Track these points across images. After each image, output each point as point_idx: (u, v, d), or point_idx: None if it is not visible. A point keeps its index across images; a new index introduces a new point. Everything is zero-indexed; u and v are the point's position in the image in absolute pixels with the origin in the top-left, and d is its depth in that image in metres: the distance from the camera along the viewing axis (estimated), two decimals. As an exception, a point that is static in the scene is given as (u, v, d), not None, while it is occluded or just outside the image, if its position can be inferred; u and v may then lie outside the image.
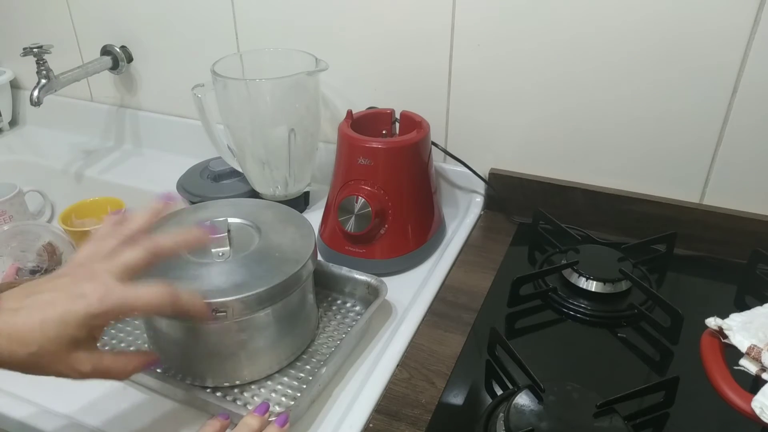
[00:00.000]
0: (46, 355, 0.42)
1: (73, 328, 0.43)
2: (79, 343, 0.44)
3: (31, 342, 0.42)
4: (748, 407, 0.49)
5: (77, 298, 0.43)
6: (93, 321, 0.43)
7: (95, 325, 0.44)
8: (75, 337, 0.43)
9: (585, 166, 0.83)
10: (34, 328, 0.42)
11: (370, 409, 0.56)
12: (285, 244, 0.61)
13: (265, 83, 0.79)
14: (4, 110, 1.20)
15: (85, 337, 0.44)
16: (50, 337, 0.42)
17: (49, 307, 0.43)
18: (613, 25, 0.73)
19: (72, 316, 0.43)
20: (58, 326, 0.42)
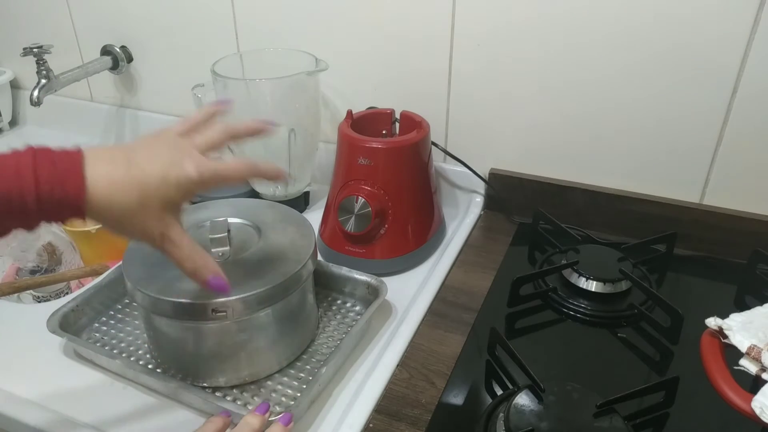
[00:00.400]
0: (143, 207, 0.44)
1: (172, 187, 0.45)
2: (172, 207, 0.46)
3: (132, 191, 0.43)
4: (748, 407, 0.49)
5: (175, 165, 0.45)
6: (189, 186, 0.46)
7: (190, 190, 0.46)
8: (171, 197, 0.45)
9: (585, 166, 0.83)
10: (135, 179, 0.44)
11: (370, 409, 0.56)
12: (285, 244, 0.61)
13: (265, 83, 0.79)
14: (4, 110, 1.20)
15: (179, 200, 0.46)
16: (150, 191, 0.44)
17: (150, 163, 0.45)
18: (614, 26, 0.73)
19: (173, 176, 0.45)
20: (159, 182, 0.44)
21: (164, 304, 0.55)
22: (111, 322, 0.69)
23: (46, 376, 0.62)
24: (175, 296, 0.54)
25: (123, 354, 0.65)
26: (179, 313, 0.55)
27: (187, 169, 0.46)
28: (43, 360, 0.64)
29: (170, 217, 0.46)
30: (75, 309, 0.67)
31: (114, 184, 0.43)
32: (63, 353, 0.65)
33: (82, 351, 0.64)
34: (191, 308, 0.54)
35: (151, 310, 0.57)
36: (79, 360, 0.64)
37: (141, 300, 0.56)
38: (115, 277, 0.71)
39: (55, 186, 0.41)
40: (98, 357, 0.62)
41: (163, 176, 0.45)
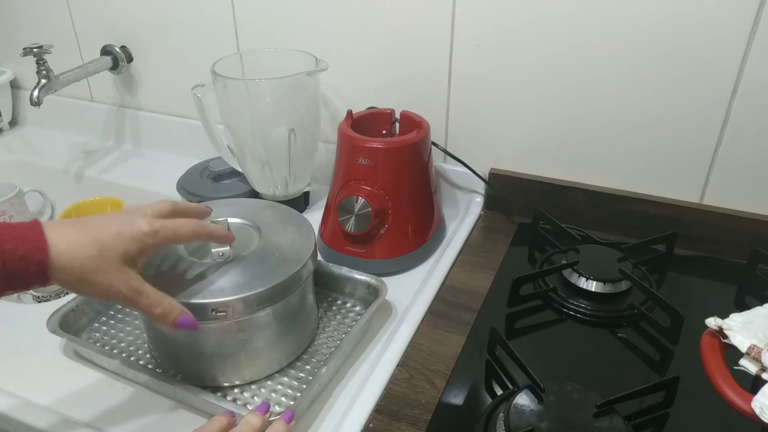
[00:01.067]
0: (104, 261, 0.47)
1: (127, 240, 0.49)
2: (131, 260, 0.49)
3: (91, 247, 0.47)
4: (748, 407, 0.49)
5: (128, 222, 0.50)
6: (143, 239, 0.49)
7: (145, 244, 0.50)
8: (128, 251, 0.49)
9: (585, 166, 0.83)
10: (93, 236, 0.47)
11: (370, 409, 0.56)
12: (285, 244, 0.61)
13: (265, 83, 0.79)
14: (4, 110, 1.20)
15: (136, 254, 0.49)
16: (108, 246, 0.47)
17: (105, 224, 0.49)
18: (614, 26, 0.73)
19: (127, 231, 0.49)
20: (115, 238, 0.48)
21: (164, 304, 0.54)
22: (111, 322, 0.69)
23: (46, 376, 0.62)
24: (175, 296, 0.54)
25: (123, 354, 0.65)
26: (179, 313, 0.55)
27: (139, 224, 0.50)
28: (43, 360, 0.64)
29: (131, 269, 0.49)
30: (75, 309, 0.67)
31: (72, 242, 0.46)
32: (63, 353, 0.65)
33: (82, 351, 0.64)
34: (191, 308, 0.54)
35: (151, 310, 0.56)
36: (79, 360, 0.64)
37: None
38: (115, 277, 0.71)
39: (18, 245, 0.44)
40: (98, 357, 0.62)
41: (117, 232, 0.49)
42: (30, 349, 0.65)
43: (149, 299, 0.50)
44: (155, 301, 0.50)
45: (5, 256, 0.43)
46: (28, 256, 0.44)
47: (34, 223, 0.46)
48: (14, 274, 0.44)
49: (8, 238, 0.44)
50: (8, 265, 0.44)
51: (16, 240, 0.44)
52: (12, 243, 0.44)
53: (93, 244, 0.47)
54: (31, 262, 0.44)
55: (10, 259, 0.44)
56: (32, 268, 0.44)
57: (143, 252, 0.50)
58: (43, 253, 0.45)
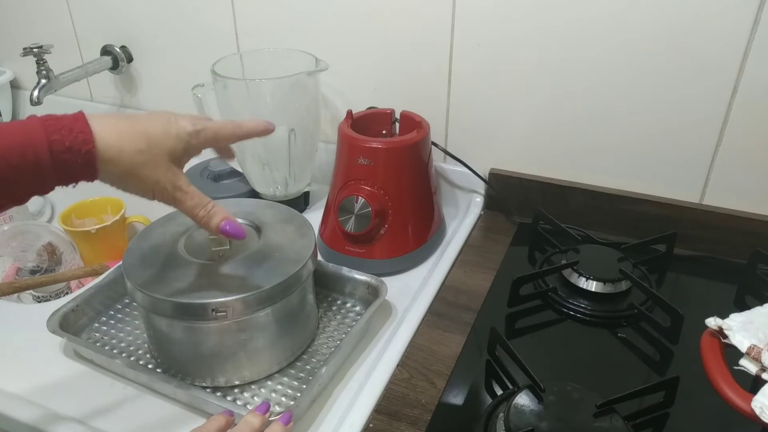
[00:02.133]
0: (152, 156, 0.47)
1: (173, 138, 0.48)
2: (177, 159, 0.49)
3: (139, 140, 0.46)
4: (748, 407, 0.49)
5: (172, 121, 0.49)
6: (188, 138, 0.49)
7: (189, 143, 0.50)
8: (174, 148, 0.48)
9: (585, 166, 0.83)
10: (140, 130, 0.47)
11: (370, 409, 0.56)
12: (285, 244, 0.61)
13: (265, 83, 0.79)
14: (4, 110, 1.20)
15: (181, 152, 0.49)
16: (155, 141, 0.47)
17: (151, 120, 0.48)
18: (614, 26, 0.73)
19: (173, 129, 0.49)
20: (162, 134, 0.48)
21: (164, 304, 0.55)
22: (111, 322, 0.69)
23: (46, 376, 0.62)
24: (175, 296, 0.54)
25: (123, 354, 0.65)
26: (179, 313, 0.55)
27: (183, 124, 0.49)
28: (43, 360, 0.64)
29: (177, 168, 0.49)
30: (75, 309, 0.67)
31: (121, 133, 0.46)
32: (63, 353, 0.65)
33: (82, 351, 0.64)
34: (191, 308, 0.54)
35: (151, 310, 0.57)
36: (79, 360, 0.64)
37: (141, 300, 0.56)
38: (115, 277, 0.71)
39: (64, 135, 0.43)
40: (98, 357, 0.62)
41: (164, 129, 0.48)
42: (30, 349, 0.65)
43: (194, 200, 0.50)
44: (200, 203, 0.50)
45: (53, 147, 0.43)
46: (75, 147, 0.43)
47: (79, 115, 0.45)
48: (63, 165, 0.43)
49: (54, 128, 0.43)
50: (57, 156, 0.43)
51: (62, 131, 0.43)
52: (59, 134, 0.43)
53: (141, 138, 0.46)
54: (79, 153, 0.44)
55: (58, 150, 0.43)
56: (80, 159, 0.44)
57: (188, 151, 0.50)
58: (89, 143, 0.44)
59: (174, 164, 0.49)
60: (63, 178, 0.45)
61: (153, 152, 0.47)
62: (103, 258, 0.87)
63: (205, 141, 0.51)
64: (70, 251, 0.85)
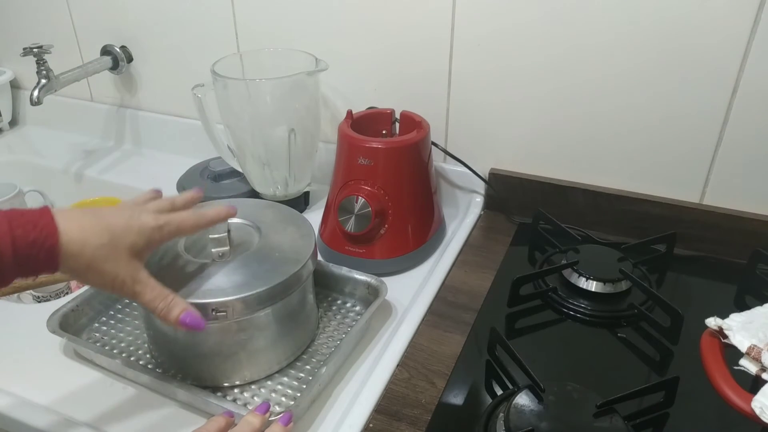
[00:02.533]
0: (111, 250, 0.48)
1: (135, 234, 0.49)
2: (138, 253, 0.50)
3: (102, 235, 0.47)
4: (748, 407, 0.49)
5: (136, 217, 0.50)
6: (150, 233, 0.50)
7: (152, 238, 0.50)
8: (135, 243, 0.49)
9: (585, 166, 0.83)
10: (104, 225, 0.48)
11: (370, 409, 0.56)
12: (285, 244, 0.61)
13: (265, 83, 0.79)
14: (4, 110, 1.20)
15: (143, 247, 0.50)
16: (117, 236, 0.48)
17: (114, 215, 0.50)
18: (614, 26, 0.73)
19: (135, 225, 0.50)
20: (123, 229, 0.49)
21: (164, 304, 0.54)
22: (111, 322, 0.69)
23: (46, 376, 0.62)
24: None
25: (123, 354, 0.65)
26: (179, 313, 0.55)
27: (146, 219, 0.51)
28: (43, 360, 0.64)
29: (137, 262, 0.50)
30: (75, 309, 0.67)
31: (84, 228, 0.47)
32: (63, 353, 0.65)
33: (82, 351, 0.64)
34: (191, 308, 0.54)
35: (151, 310, 0.57)
36: (79, 360, 0.64)
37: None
38: (115, 277, 0.71)
39: (28, 230, 0.44)
40: (98, 357, 0.62)
41: (126, 224, 0.49)
42: (30, 349, 0.65)
43: (153, 292, 0.50)
44: (159, 296, 0.50)
45: (16, 242, 0.43)
46: (38, 242, 0.44)
47: (44, 210, 0.46)
48: (25, 259, 0.44)
49: (19, 223, 0.44)
50: (19, 251, 0.43)
51: (26, 225, 0.44)
52: (22, 228, 0.44)
53: (104, 232, 0.47)
54: (42, 248, 0.44)
55: (21, 244, 0.43)
56: (42, 253, 0.44)
57: (149, 246, 0.51)
58: (53, 238, 0.44)
59: (135, 258, 0.49)
60: (23, 272, 0.45)
61: (114, 247, 0.48)
62: (103, 258, 0.87)
63: (168, 234, 0.52)
64: (70, 251, 0.85)
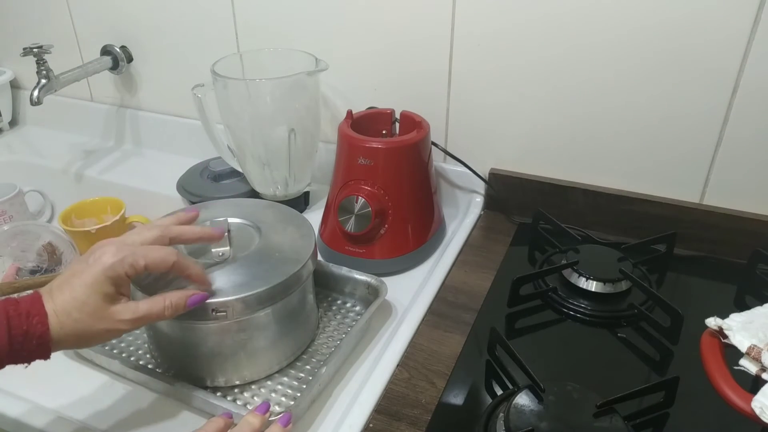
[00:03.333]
0: (87, 317, 0.48)
1: (99, 285, 0.48)
2: (111, 298, 0.49)
3: (72, 310, 0.47)
4: (748, 407, 0.49)
5: (94, 263, 0.49)
6: (110, 272, 0.48)
7: (115, 275, 0.49)
8: (104, 293, 0.48)
9: (585, 166, 0.83)
10: (68, 299, 0.47)
11: (370, 409, 0.56)
12: (285, 244, 0.61)
13: (265, 83, 0.79)
14: (4, 110, 1.20)
15: (112, 291, 0.49)
16: (83, 301, 0.47)
17: (74, 278, 0.48)
18: (614, 26, 0.73)
19: (92, 277, 0.48)
20: (86, 289, 0.48)
21: (164, 304, 0.54)
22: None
23: (46, 377, 0.62)
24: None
25: (123, 354, 0.65)
26: (179, 313, 0.55)
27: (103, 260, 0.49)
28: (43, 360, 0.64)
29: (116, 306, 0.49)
30: (75, 309, 0.67)
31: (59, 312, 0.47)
32: (63, 353, 0.65)
33: (82, 351, 0.64)
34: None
35: (151, 310, 0.56)
36: (79, 360, 0.64)
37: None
38: (115, 277, 0.71)
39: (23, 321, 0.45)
40: (98, 357, 0.62)
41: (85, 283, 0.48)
42: (30, 349, 0.65)
43: (151, 314, 0.50)
44: (158, 311, 0.51)
45: (12, 332, 0.45)
46: (31, 332, 0.46)
47: (36, 297, 0.47)
48: (19, 349, 0.45)
49: (14, 314, 0.45)
50: (14, 342, 0.45)
51: (20, 317, 0.45)
52: (18, 320, 0.45)
53: (74, 307, 0.47)
54: (34, 337, 0.46)
55: (16, 334, 0.45)
56: (34, 341, 0.46)
57: (122, 283, 0.50)
58: (44, 326, 0.46)
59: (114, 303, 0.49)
60: (17, 359, 0.46)
61: (87, 312, 0.48)
62: (103, 258, 0.87)
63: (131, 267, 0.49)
64: (70, 251, 0.85)
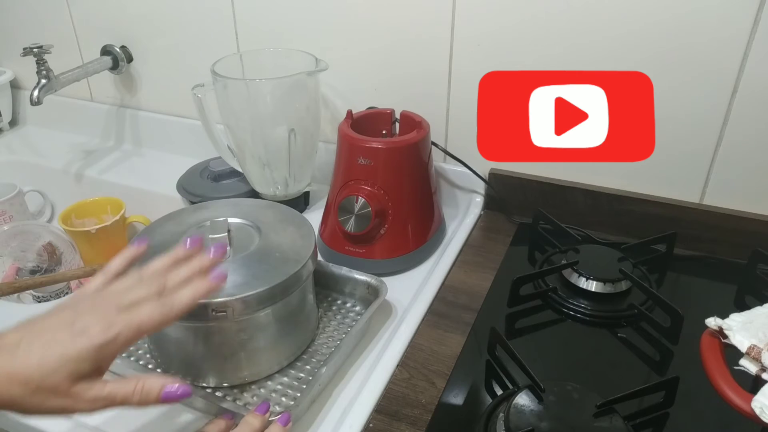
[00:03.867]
0: (45, 391, 0.40)
1: (74, 363, 0.40)
2: (82, 377, 0.41)
3: (31, 380, 0.40)
4: (748, 407, 0.49)
5: (78, 335, 0.41)
6: (99, 353, 0.41)
7: (103, 356, 0.42)
8: (77, 371, 0.41)
9: (585, 166, 0.82)
10: (32, 366, 0.40)
11: (370, 409, 0.56)
12: (285, 244, 0.61)
13: (265, 83, 0.79)
14: (4, 110, 1.20)
15: (89, 370, 0.41)
16: (49, 372, 0.40)
17: (50, 344, 0.41)
18: (614, 26, 0.73)
19: (74, 352, 0.41)
20: (58, 362, 0.40)
21: (164, 304, 0.54)
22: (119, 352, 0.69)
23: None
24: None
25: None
26: (179, 313, 0.55)
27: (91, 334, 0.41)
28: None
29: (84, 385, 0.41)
30: (75, 309, 0.67)
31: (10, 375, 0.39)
32: (63, 353, 0.65)
33: (82, 351, 0.64)
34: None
35: (151, 310, 0.56)
36: (79, 360, 0.64)
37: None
38: (115, 277, 0.71)
39: None
40: (98, 357, 0.62)
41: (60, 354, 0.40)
42: (30, 349, 0.65)
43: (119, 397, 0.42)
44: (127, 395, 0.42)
45: None
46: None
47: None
48: None
49: None
50: None
51: None
52: None
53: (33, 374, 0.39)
54: None
55: None
56: None
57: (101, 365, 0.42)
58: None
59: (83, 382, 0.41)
60: None
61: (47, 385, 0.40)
62: (103, 258, 0.87)
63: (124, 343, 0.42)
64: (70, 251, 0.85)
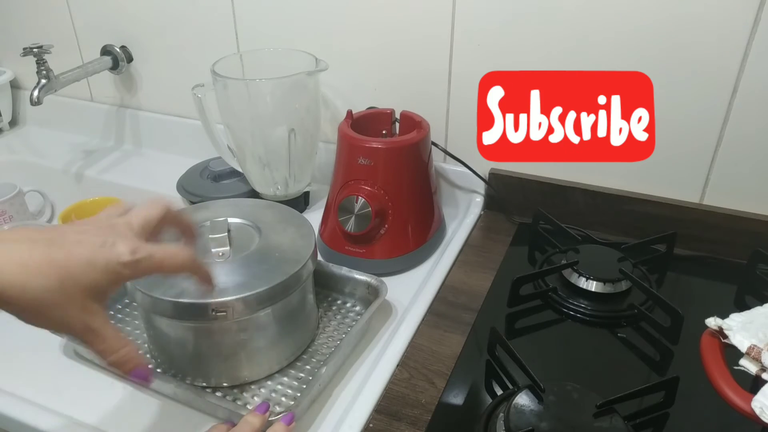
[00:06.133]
0: (61, 295, 0.39)
1: (99, 271, 0.40)
2: (97, 293, 0.41)
3: (52, 275, 0.38)
4: (748, 407, 0.49)
5: (108, 246, 0.41)
6: (121, 269, 0.41)
7: (120, 275, 0.41)
8: (97, 282, 0.40)
9: (585, 166, 0.82)
10: (57, 263, 0.39)
11: (370, 409, 0.56)
12: (285, 244, 0.61)
13: (265, 83, 0.79)
14: (4, 110, 1.20)
15: (106, 286, 0.41)
16: (72, 275, 0.39)
17: (76, 246, 0.40)
18: (614, 26, 0.73)
19: (101, 260, 0.40)
20: (84, 267, 0.39)
21: (164, 304, 0.54)
22: (111, 322, 0.69)
23: (46, 376, 0.62)
24: (175, 296, 0.54)
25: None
26: (179, 313, 0.55)
27: (119, 250, 0.41)
28: (44, 360, 0.64)
29: (94, 305, 0.41)
30: (75, 309, 0.67)
31: (29, 266, 0.38)
32: (63, 353, 0.65)
33: (82, 351, 0.64)
34: (191, 308, 0.54)
35: (151, 310, 0.57)
36: (79, 360, 0.64)
37: (141, 300, 0.56)
38: (115, 277, 0.71)
39: None
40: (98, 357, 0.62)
41: (89, 260, 0.40)
42: (30, 349, 0.65)
43: (105, 344, 0.42)
44: (111, 348, 0.43)
45: None
46: None
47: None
48: None
49: None
50: None
51: None
52: None
53: (55, 272, 0.38)
54: None
55: None
56: None
57: (114, 285, 0.42)
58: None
59: (92, 301, 0.40)
60: None
61: (66, 291, 0.39)
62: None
63: (142, 271, 0.42)
64: (70, 251, 0.85)
